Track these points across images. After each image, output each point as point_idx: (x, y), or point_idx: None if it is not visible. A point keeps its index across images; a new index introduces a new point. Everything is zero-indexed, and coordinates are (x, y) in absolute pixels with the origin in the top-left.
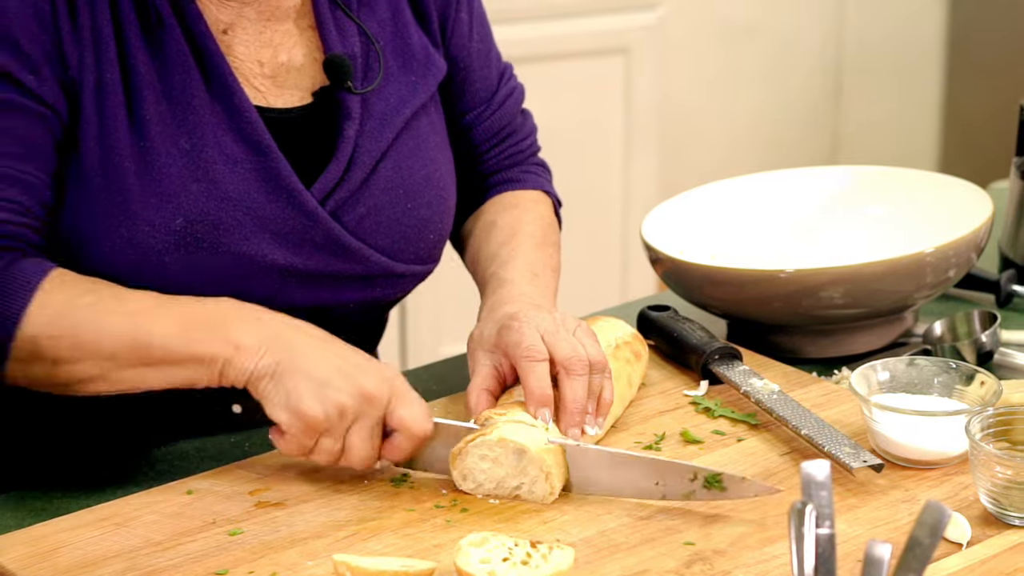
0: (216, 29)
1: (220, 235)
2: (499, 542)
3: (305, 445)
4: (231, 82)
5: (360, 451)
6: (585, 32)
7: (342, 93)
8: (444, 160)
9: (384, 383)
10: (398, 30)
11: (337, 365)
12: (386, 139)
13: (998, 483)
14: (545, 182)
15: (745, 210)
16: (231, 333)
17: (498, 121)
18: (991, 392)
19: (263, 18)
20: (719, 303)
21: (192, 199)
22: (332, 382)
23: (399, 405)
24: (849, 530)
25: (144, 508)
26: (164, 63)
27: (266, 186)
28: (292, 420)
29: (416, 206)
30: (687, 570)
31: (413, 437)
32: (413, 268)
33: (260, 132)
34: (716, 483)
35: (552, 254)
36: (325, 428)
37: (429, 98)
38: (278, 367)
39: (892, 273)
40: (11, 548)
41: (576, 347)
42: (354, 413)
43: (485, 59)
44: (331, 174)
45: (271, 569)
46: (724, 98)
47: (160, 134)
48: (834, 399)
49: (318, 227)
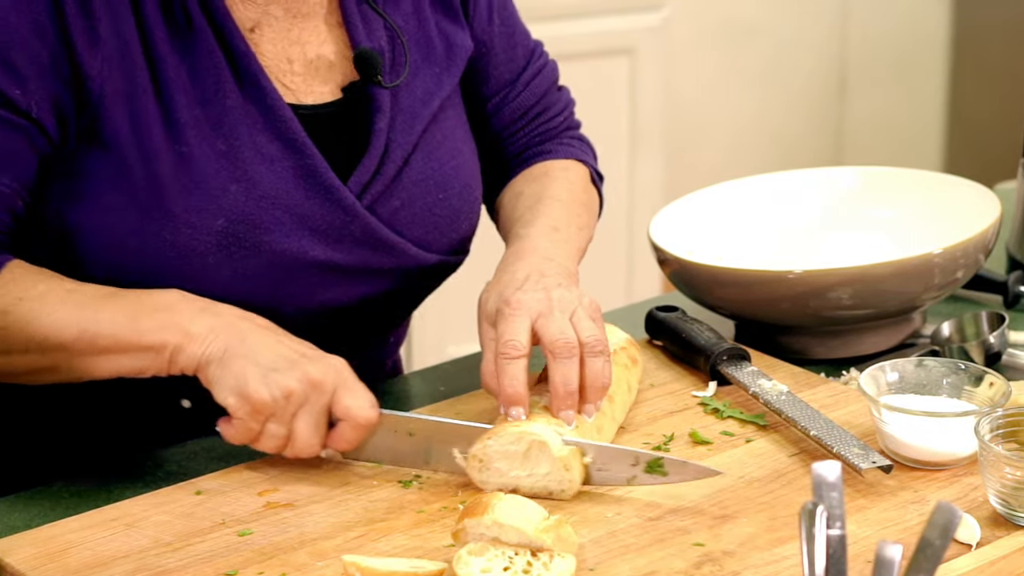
0: (243, 28)
1: (261, 234)
2: (499, 551)
3: (252, 430)
4: (264, 81)
5: (305, 437)
6: (590, 33)
7: (372, 87)
8: (470, 150)
9: (330, 371)
10: (420, 23)
11: (284, 352)
12: (416, 132)
13: (1007, 484)
14: (579, 152)
15: (753, 211)
16: (181, 321)
17: (525, 101)
18: (1000, 393)
19: (290, 15)
20: (727, 304)
21: (232, 200)
22: (279, 367)
23: (345, 394)
24: (858, 531)
25: (153, 509)
26: (194, 66)
27: (304, 183)
28: (239, 403)
29: (447, 196)
30: (696, 571)
31: (358, 426)
32: (446, 259)
33: (295, 130)
34: (658, 468)
35: (580, 213)
36: (271, 412)
37: (453, 89)
38: (226, 353)
39: (900, 274)
40: (20, 549)
41: (565, 329)
42: (300, 398)
43: (509, 41)
44: (366, 168)
45: (281, 570)
46: (729, 98)
47: (196, 137)
48: (842, 400)
49: (357, 222)
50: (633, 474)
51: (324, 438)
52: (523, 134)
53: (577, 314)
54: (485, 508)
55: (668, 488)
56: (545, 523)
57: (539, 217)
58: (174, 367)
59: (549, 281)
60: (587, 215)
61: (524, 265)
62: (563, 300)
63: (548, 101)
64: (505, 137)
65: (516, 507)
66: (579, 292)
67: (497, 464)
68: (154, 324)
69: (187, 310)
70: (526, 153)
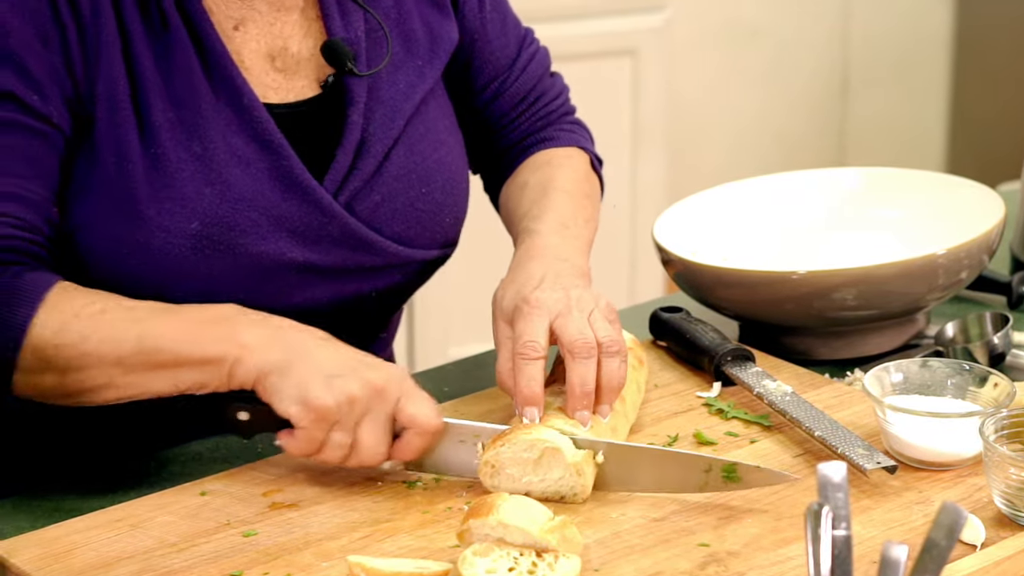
0: (227, 26)
1: (236, 237)
2: (504, 552)
3: (316, 439)
4: (239, 83)
5: (371, 445)
6: (592, 34)
7: (347, 78)
8: (455, 143)
9: (393, 378)
10: (401, 17)
11: (344, 360)
12: (397, 126)
13: (1012, 485)
14: (580, 138)
15: (757, 212)
16: (238, 333)
17: (522, 86)
18: (1004, 394)
19: (273, 9)
20: (731, 305)
21: (206, 203)
22: (341, 373)
23: (409, 402)
24: (863, 531)
25: (158, 509)
26: (170, 68)
27: (279, 185)
28: (302, 412)
29: (430, 191)
30: (701, 572)
31: (424, 433)
32: (431, 253)
33: (270, 131)
34: (732, 474)
35: (586, 205)
36: (335, 419)
37: (436, 82)
38: (286, 361)
39: (904, 275)
40: (25, 549)
41: (583, 329)
42: (364, 404)
43: (501, 27)
44: (340, 163)
45: (286, 570)
46: (731, 98)
47: (170, 140)
48: (847, 400)
49: (334, 222)
50: (705, 480)
51: (389, 447)
52: (522, 120)
53: (594, 315)
54: (490, 509)
55: None
56: (550, 523)
57: (547, 212)
58: (233, 380)
59: (566, 281)
60: (591, 206)
61: (539, 265)
62: (581, 300)
63: (544, 86)
64: (505, 124)
65: (521, 508)
66: (596, 293)
67: (509, 470)
68: (212, 337)
69: (244, 322)
70: (527, 140)
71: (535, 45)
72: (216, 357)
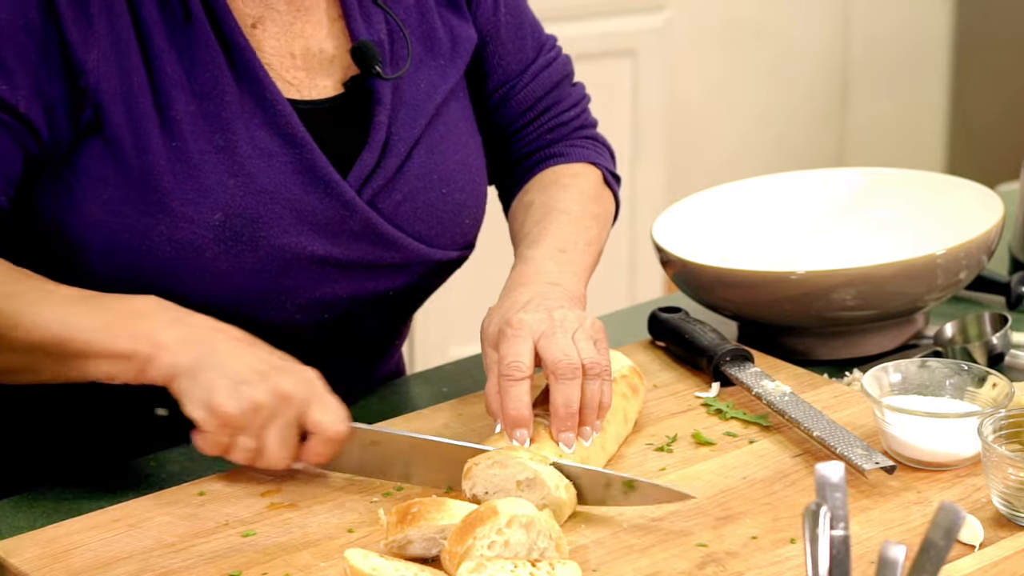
0: (244, 24)
1: (259, 228)
2: (499, 565)
3: (222, 443)
4: (261, 76)
5: (276, 451)
6: (592, 35)
7: (373, 80)
8: (475, 145)
9: (301, 384)
10: (423, 17)
11: (254, 364)
12: (419, 125)
13: (1011, 485)
14: (593, 154)
15: (756, 212)
16: (153, 331)
17: (533, 92)
18: (1003, 394)
19: (292, 8)
20: (730, 305)
21: (230, 194)
22: (248, 380)
23: (315, 407)
24: (861, 532)
25: (156, 509)
26: (192, 61)
27: (303, 178)
28: (208, 417)
29: (451, 191)
30: (699, 572)
31: (328, 440)
32: (450, 254)
33: (294, 125)
34: (630, 488)
35: (589, 227)
36: (240, 425)
37: (457, 82)
38: (196, 364)
39: (903, 275)
40: (24, 549)
41: (567, 350)
42: (269, 411)
43: (516, 31)
44: (365, 162)
45: (284, 570)
46: (731, 100)
47: (192, 133)
48: (845, 401)
49: (356, 216)
50: (609, 495)
51: (296, 451)
52: (531, 130)
53: (578, 334)
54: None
55: None
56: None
57: (545, 236)
58: (144, 377)
59: (551, 303)
60: (597, 227)
61: (527, 290)
62: (565, 320)
63: (559, 95)
64: (512, 132)
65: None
66: (582, 313)
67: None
68: (126, 332)
69: (160, 319)
70: (537, 155)
71: (555, 52)
72: (128, 352)
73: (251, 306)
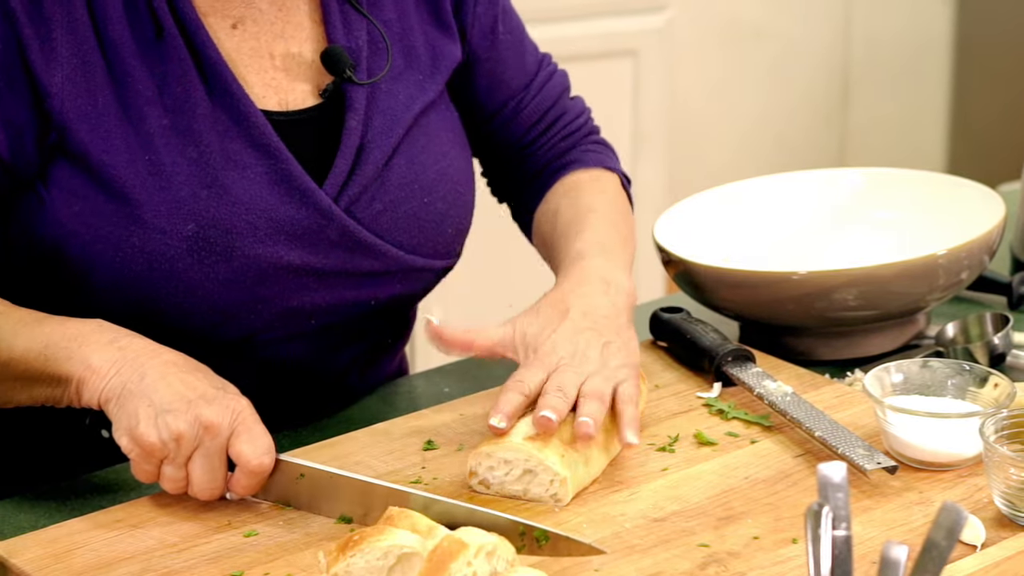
0: (225, 24)
1: (233, 239)
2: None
3: (148, 471)
4: (235, 88)
5: (202, 481)
6: (593, 35)
7: (346, 86)
8: (458, 155)
9: (226, 413)
10: (404, 31)
11: (181, 392)
12: (396, 134)
13: (1012, 485)
14: (606, 158)
15: (757, 212)
16: (86, 355)
17: (540, 106)
18: (1005, 394)
19: (275, 7)
20: (732, 305)
21: (203, 205)
22: (173, 408)
23: (239, 439)
24: (863, 532)
25: (158, 510)
26: (164, 76)
27: (278, 188)
28: (131, 445)
29: (432, 200)
30: (701, 572)
31: (251, 472)
32: (432, 263)
33: (267, 135)
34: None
35: (620, 225)
36: (162, 455)
37: (438, 96)
38: (124, 390)
39: (905, 275)
40: (26, 550)
41: (564, 386)
42: (191, 441)
43: (518, 49)
44: (339, 168)
45: (286, 570)
46: (732, 100)
47: (165, 146)
48: (847, 401)
49: (333, 224)
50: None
51: (223, 482)
52: (544, 141)
53: (591, 379)
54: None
55: (673, 490)
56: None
57: (586, 231)
58: (81, 400)
59: (591, 336)
60: (626, 226)
61: (580, 301)
62: (588, 351)
63: (563, 106)
64: (526, 146)
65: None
66: (615, 352)
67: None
68: (63, 355)
69: (94, 343)
70: (553, 164)
71: (553, 67)
72: (64, 376)
73: (227, 315)
